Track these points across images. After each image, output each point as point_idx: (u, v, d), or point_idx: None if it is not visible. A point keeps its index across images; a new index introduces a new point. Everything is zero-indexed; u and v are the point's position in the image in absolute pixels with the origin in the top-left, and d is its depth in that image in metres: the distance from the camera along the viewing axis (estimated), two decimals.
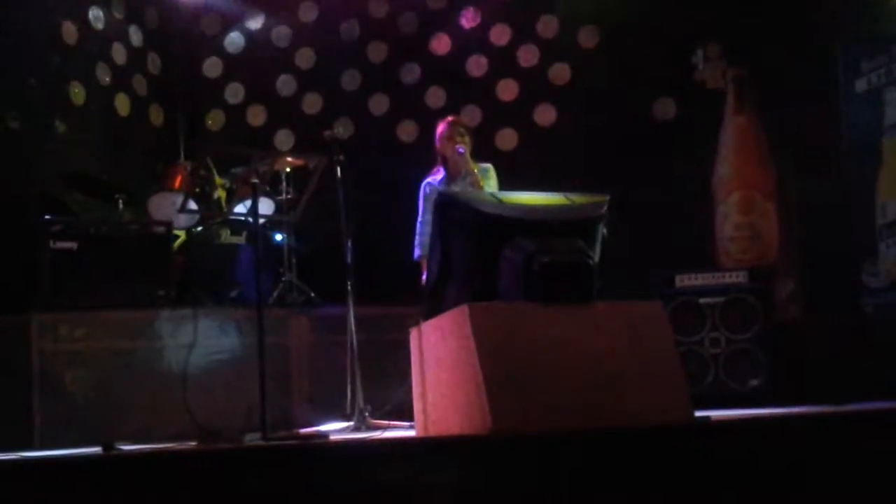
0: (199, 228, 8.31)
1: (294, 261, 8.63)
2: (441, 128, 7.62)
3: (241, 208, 7.77)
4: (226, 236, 8.24)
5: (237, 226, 8.24)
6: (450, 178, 7.51)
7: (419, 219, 7.52)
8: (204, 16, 10.67)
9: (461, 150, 7.40)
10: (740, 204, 9.28)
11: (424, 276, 7.22)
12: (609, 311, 5.23)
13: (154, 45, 10.39)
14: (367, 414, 6.94)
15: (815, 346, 8.38)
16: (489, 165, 7.55)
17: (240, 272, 8.12)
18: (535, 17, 10.35)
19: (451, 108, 9.85)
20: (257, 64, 10.72)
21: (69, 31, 9.20)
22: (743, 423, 5.63)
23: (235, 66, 10.74)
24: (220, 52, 10.73)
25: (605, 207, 5.60)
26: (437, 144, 7.61)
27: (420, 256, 7.46)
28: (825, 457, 5.02)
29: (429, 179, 7.57)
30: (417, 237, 7.51)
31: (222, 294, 8.04)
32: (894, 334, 8.07)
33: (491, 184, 7.43)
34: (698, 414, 5.25)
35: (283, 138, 10.59)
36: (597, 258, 5.41)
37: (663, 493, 4.68)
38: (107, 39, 9.73)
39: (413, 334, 5.58)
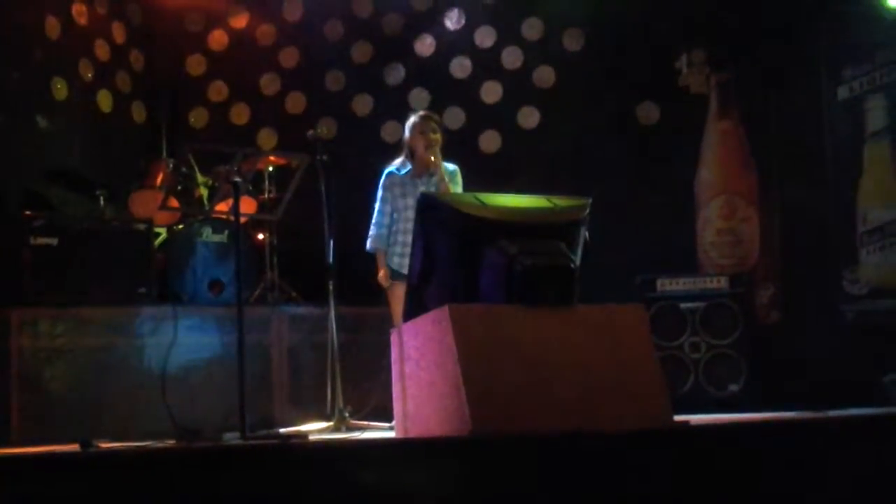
0: (181, 226, 8.28)
1: (275, 260, 8.62)
2: (413, 120, 7.33)
3: (222, 206, 7.75)
4: (207, 234, 8.21)
5: (219, 224, 8.22)
6: (415, 173, 7.24)
7: (377, 207, 7.28)
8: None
9: (434, 146, 7.20)
10: (722, 209, 9.32)
11: (381, 273, 7.17)
12: (590, 315, 5.23)
13: (137, 41, 10.36)
14: (346, 414, 6.93)
15: (794, 352, 8.41)
16: (456, 167, 7.34)
17: (220, 270, 8.10)
18: (519, 19, 10.35)
19: (435, 109, 9.77)
20: (241, 62, 10.69)
21: (52, 25, 9.15)
22: (722, 428, 5.64)
23: (219, 64, 10.71)
24: (204, 49, 10.71)
25: (588, 210, 5.60)
26: (407, 137, 7.32)
27: (375, 249, 7.25)
28: (804, 462, 5.03)
29: (391, 169, 7.33)
30: (373, 227, 7.26)
31: (203, 292, 8.02)
32: (874, 341, 8.11)
33: (456, 188, 7.24)
34: (678, 418, 5.25)
35: (266, 137, 10.57)
36: (578, 261, 5.41)
37: (642, 497, 4.69)
38: (90, 35, 9.69)
39: (394, 335, 5.58)
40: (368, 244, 7.28)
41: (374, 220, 7.30)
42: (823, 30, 8.85)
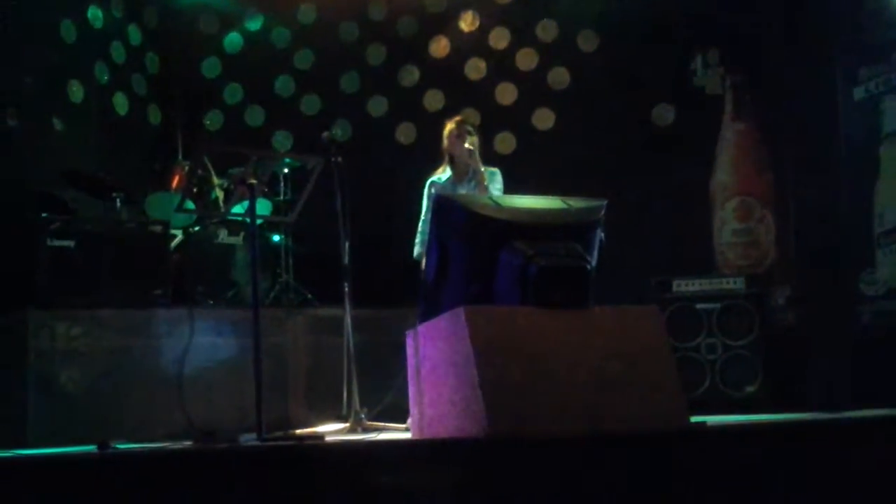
0: (197, 228, 8.31)
1: (291, 261, 8.63)
2: (449, 127, 7.55)
3: (238, 209, 7.77)
4: (223, 236, 8.24)
5: (234, 226, 8.24)
6: (456, 178, 7.48)
7: (422, 217, 7.48)
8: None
9: (470, 148, 7.36)
10: (738, 210, 9.30)
11: None
12: (606, 316, 5.22)
13: (153, 44, 10.39)
14: (362, 415, 6.94)
15: (811, 353, 8.39)
16: (497, 170, 7.53)
17: (236, 272, 8.11)
18: (534, 20, 10.35)
19: (450, 110, 9.85)
20: (256, 64, 10.72)
21: (68, 29, 9.19)
22: (738, 430, 5.63)
23: (234, 66, 10.74)
24: (219, 52, 10.73)
25: (603, 212, 5.60)
26: (445, 143, 7.54)
27: (419, 254, 7.39)
28: (821, 464, 5.02)
29: (434, 178, 7.53)
30: (419, 235, 7.46)
31: (219, 294, 8.03)
32: (890, 342, 8.08)
33: (497, 187, 7.40)
34: (694, 420, 5.25)
35: (282, 139, 10.59)
36: (594, 262, 5.41)
37: (658, 498, 4.68)
38: (106, 38, 9.72)
39: (409, 336, 5.58)
40: (415, 251, 7.47)
41: (419, 229, 7.48)
42: (838, 30, 8.81)
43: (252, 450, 5.06)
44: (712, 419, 5.89)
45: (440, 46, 10.57)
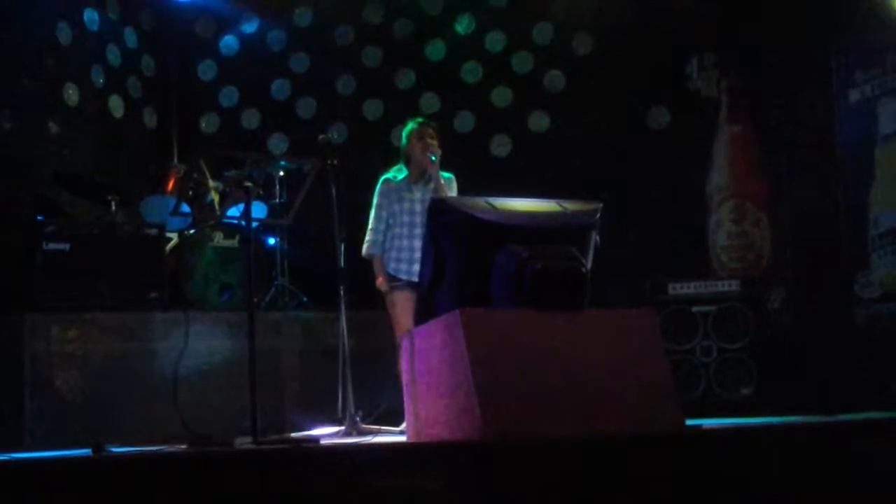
0: (192, 231, 8.30)
1: (286, 265, 8.63)
2: (410, 126, 7.40)
3: (234, 212, 7.77)
4: (218, 239, 8.22)
5: (230, 229, 8.24)
6: (412, 179, 7.31)
7: (372, 213, 7.31)
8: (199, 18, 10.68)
9: (433, 157, 7.25)
10: (733, 213, 9.30)
11: (379, 280, 7.23)
12: (601, 319, 5.23)
13: (149, 47, 10.37)
14: (357, 419, 6.94)
15: (806, 356, 8.39)
16: (451, 175, 7.38)
17: (232, 275, 8.11)
18: (529, 23, 10.35)
19: (446, 113, 9.89)
20: (252, 67, 10.71)
21: (64, 32, 9.18)
22: (734, 433, 5.64)
23: (230, 69, 10.73)
24: (215, 55, 10.72)
25: (598, 215, 5.60)
26: (405, 143, 7.38)
27: (371, 255, 7.27)
28: (816, 467, 5.02)
29: (387, 175, 7.39)
30: (369, 233, 7.29)
31: (214, 297, 8.03)
32: (886, 345, 8.09)
33: (452, 194, 7.26)
34: (689, 422, 5.25)
35: (277, 142, 10.58)
36: (589, 265, 5.41)
37: (653, 501, 4.68)
38: (101, 41, 9.71)
39: (405, 339, 5.58)
40: (364, 250, 7.33)
41: (370, 227, 7.33)
42: (834, 33, 8.82)
43: (247, 453, 5.07)
44: (708, 422, 5.89)
45: (436, 49, 10.55)
